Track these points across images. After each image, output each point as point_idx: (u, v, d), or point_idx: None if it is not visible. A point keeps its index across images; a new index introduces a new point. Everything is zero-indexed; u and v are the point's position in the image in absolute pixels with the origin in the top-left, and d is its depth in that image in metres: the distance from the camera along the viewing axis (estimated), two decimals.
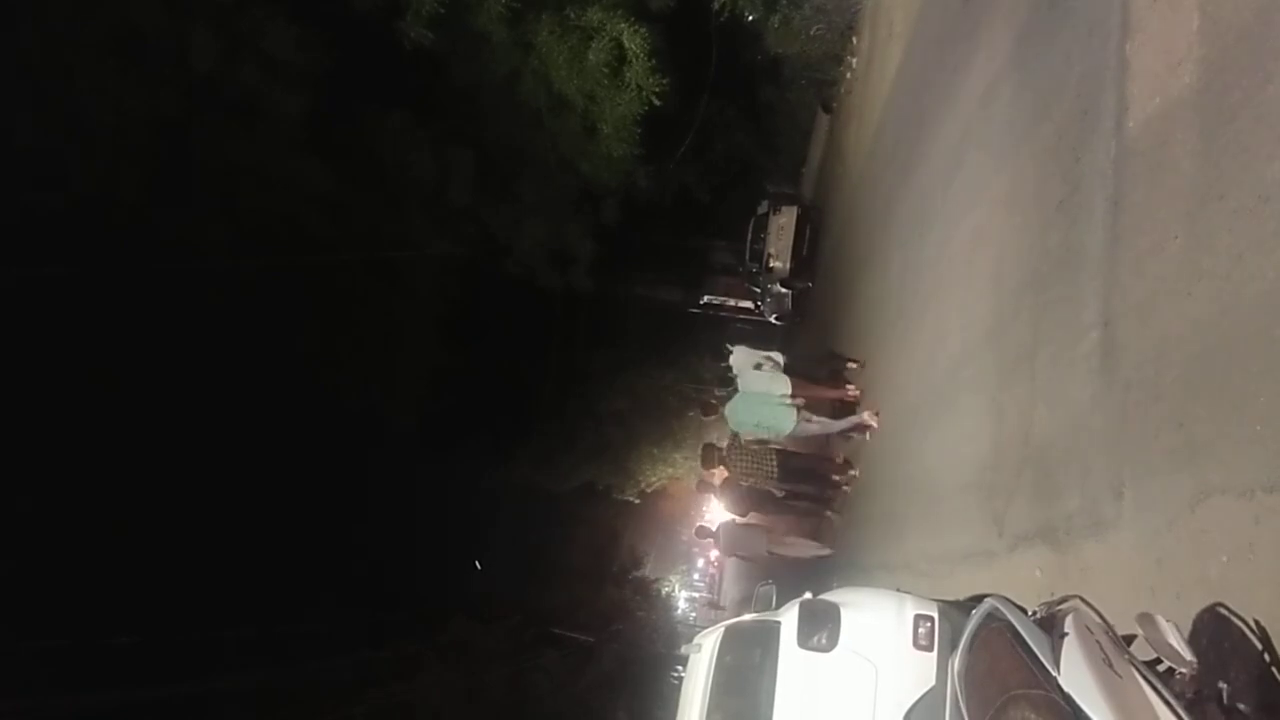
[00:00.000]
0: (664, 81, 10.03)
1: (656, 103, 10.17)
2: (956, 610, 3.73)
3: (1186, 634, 2.59)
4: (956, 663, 2.79)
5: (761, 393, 8.80)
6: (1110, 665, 2.31)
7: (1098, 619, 2.60)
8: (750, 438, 9.37)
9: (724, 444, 9.81)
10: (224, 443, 11.20)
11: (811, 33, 14.21)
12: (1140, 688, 2.28)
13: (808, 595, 4.17)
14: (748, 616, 4.65)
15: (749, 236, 16.56)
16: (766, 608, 4.74)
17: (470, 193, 11.15)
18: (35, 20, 7.23)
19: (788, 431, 8.71)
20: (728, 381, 9.56)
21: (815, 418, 8.77)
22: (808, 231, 15.77)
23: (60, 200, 8.29)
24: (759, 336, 22.47)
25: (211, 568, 11.40)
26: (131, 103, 7.77)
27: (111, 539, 10.50)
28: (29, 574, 9.25)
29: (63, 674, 9.56)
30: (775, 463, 9.34)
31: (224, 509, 11.48)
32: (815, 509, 10.03)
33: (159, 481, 10.76)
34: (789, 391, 8.67)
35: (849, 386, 9.27)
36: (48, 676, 9.37)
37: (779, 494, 9.76)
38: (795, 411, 8.65)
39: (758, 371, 8.92)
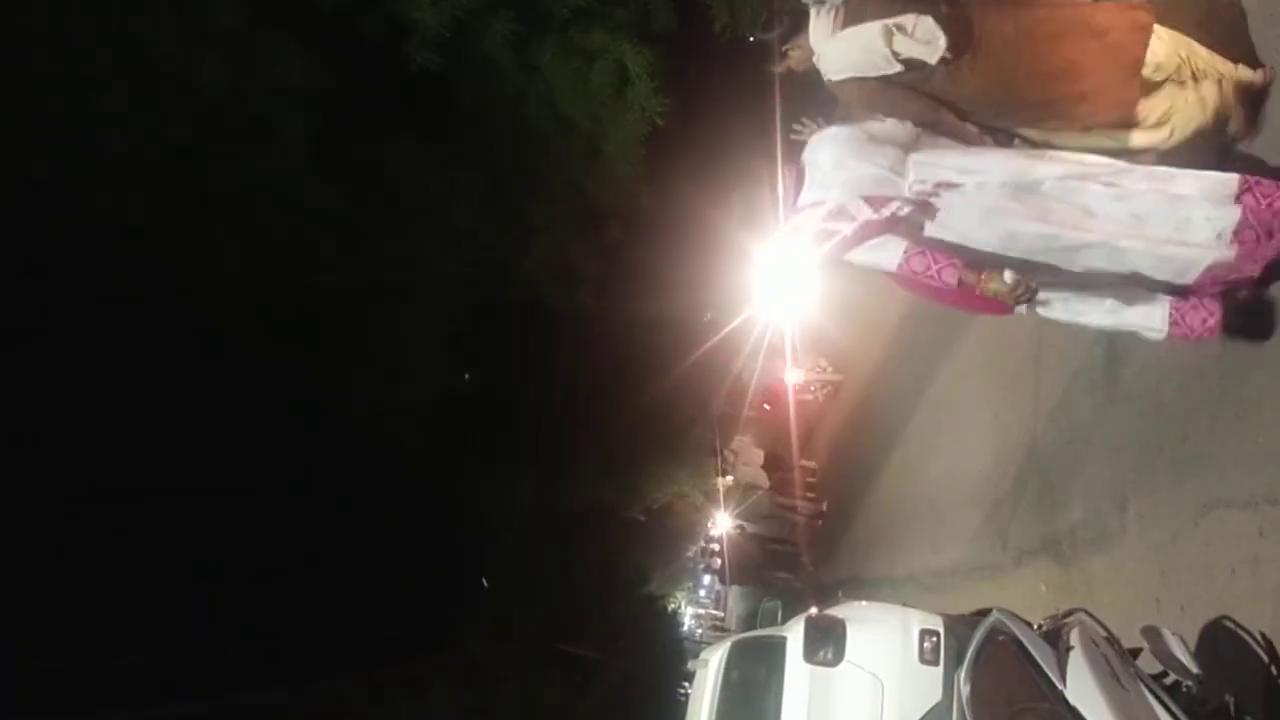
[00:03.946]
0: (666, 101, 10.11)
1: (659, 122, 10.24)
2: (962, 624, 3.73)
3: (1192, 647, 2.59)
4: (962, 677, 2.78)
5: None
6: (1116, 678, 2.31)
7: (1103, 632, 2.60)
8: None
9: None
10: (231, 461, 11.23)
11: None
12: (1146, 701, 2.28)
13: (813, 610, 4.17)
14: (754, 632, 4.65)
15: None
16: (772, 623, 4.74)
17: (476, 213, 11.21)
18: (46, 44, 7.33)
19: None
20: None
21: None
22: None
23: (66, 221, 8.38)
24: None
25: (218, 586, 11.40)
26: (141, 126, 7.86)
27: (118, 555, 10.52)
28: (34, 590, 9.27)
29: (70, 692, 9.56)
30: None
31: (228, 528, 11.50)
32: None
33: (164, 500, 10.79)
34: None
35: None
36: (55, 695, 9.37)
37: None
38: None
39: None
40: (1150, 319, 2.72)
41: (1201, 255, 2.58)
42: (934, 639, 3.70)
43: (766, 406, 19.12)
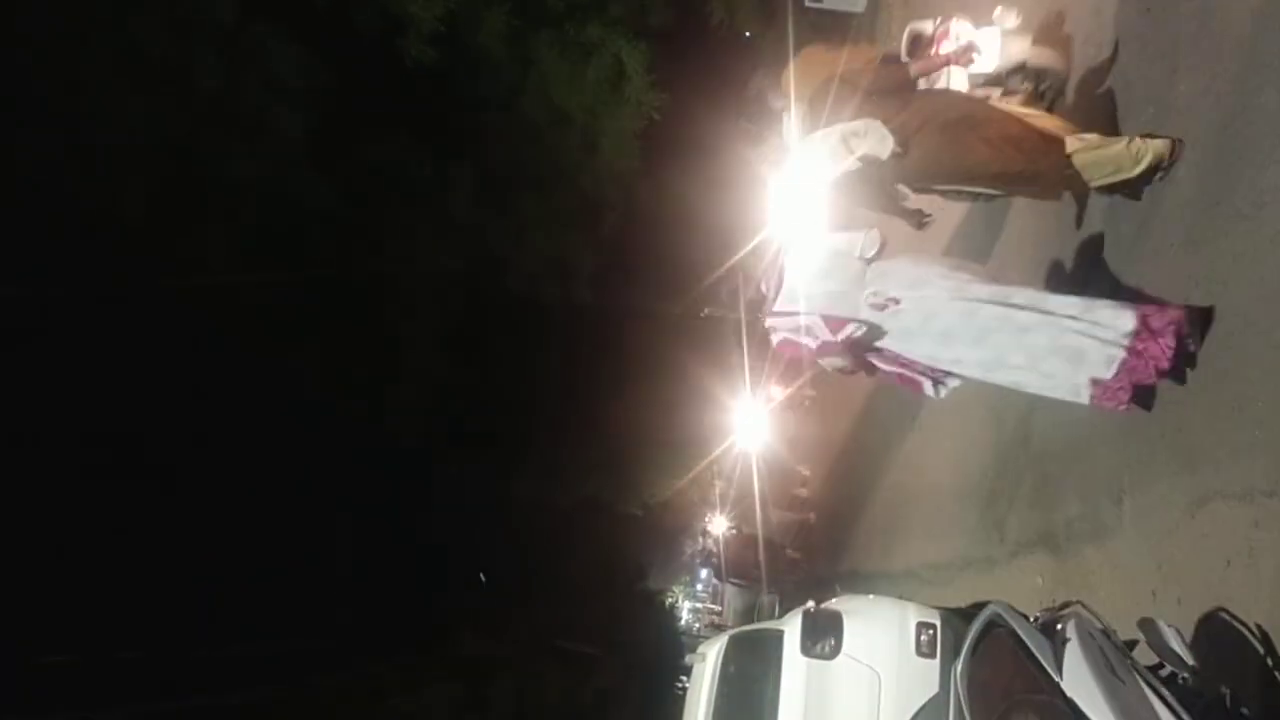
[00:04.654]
0: (663, 96, 10.08)
1: (655, 117, 10.21)
2: (958, 617, 3.74)
3: (1188, 639, 2.59)
4: (959, 669, 2.79)
5: None
6: (1113, 671, 2.31)
7: (1099, 624, 2.60)
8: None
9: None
10: (228, 459, 11.22)
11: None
12: (1143, 693, 2.28)
13: (810, 604, 4.17)
14: (751, 626, 4.65)
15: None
16: (769, 617, 4.75)
17: (472, 207, 11.17)
18: (41, 42, 7.32)
19: None
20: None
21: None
22: None
23: (65, 220, 8.36)
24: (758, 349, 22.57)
25: (216, 582, 11.40)
26: (137, 122, 7.85)
27: (114, 555, 10.51)
28: (32, 588, 9.27)
29: (68, 690, 9.57)
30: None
31: (224, 524, 11.49)
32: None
33: (162, 499, 10.79)
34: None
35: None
36: (55, 694, 9.37)
37: None
38: None
39: None
40: (1076, 394, 3.27)
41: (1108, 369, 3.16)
42: (931, 632, 3.71)
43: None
